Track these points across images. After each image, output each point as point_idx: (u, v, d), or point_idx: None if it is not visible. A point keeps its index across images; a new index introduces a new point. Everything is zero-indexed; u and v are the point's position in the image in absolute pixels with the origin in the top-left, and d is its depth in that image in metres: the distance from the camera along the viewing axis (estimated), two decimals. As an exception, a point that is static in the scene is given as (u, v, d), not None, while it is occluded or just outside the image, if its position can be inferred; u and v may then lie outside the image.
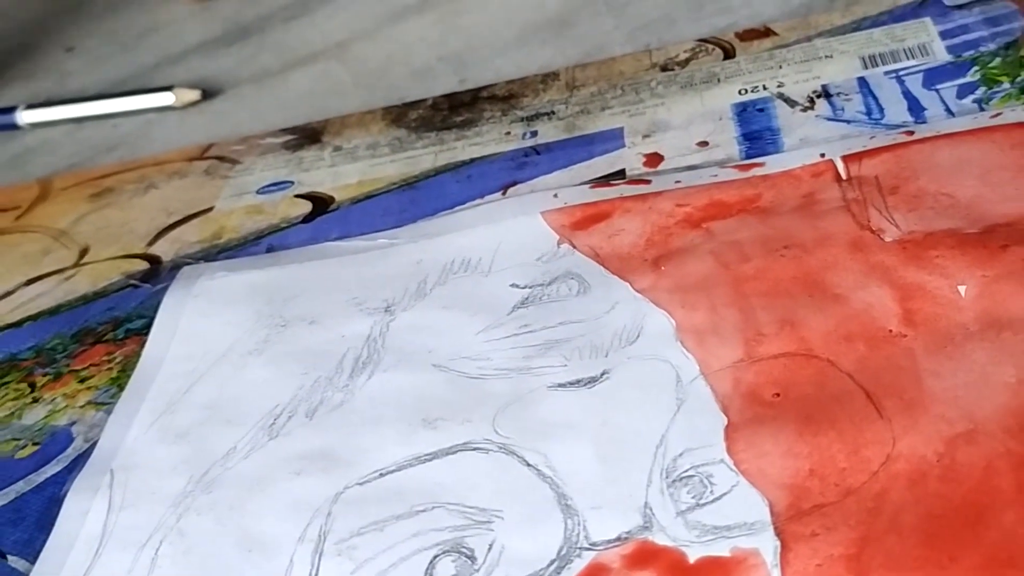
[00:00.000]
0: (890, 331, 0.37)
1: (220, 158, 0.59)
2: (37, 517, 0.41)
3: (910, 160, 0.43)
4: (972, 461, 0.32)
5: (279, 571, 0.36)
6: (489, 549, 0.35)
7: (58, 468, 0.43)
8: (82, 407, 0.46)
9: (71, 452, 0.44)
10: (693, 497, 0.34)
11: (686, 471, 0.35)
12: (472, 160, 0.52)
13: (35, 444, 0.44)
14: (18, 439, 0.45)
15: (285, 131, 0.59)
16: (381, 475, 0.38)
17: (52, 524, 0.40)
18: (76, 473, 0.42)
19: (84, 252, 0.55)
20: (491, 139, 0.53)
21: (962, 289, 0.37)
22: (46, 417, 0.46)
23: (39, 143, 0.66)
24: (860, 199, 0.42)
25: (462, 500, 0.36)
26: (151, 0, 0.78)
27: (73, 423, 0.45)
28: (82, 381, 0.47)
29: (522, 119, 0.54)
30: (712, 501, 0.34)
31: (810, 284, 0.39)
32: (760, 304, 0.39)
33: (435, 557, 0.35)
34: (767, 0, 0.56)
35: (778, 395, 0.36)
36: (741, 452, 0.35)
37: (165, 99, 0.64)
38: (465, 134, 0.54)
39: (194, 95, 0.64)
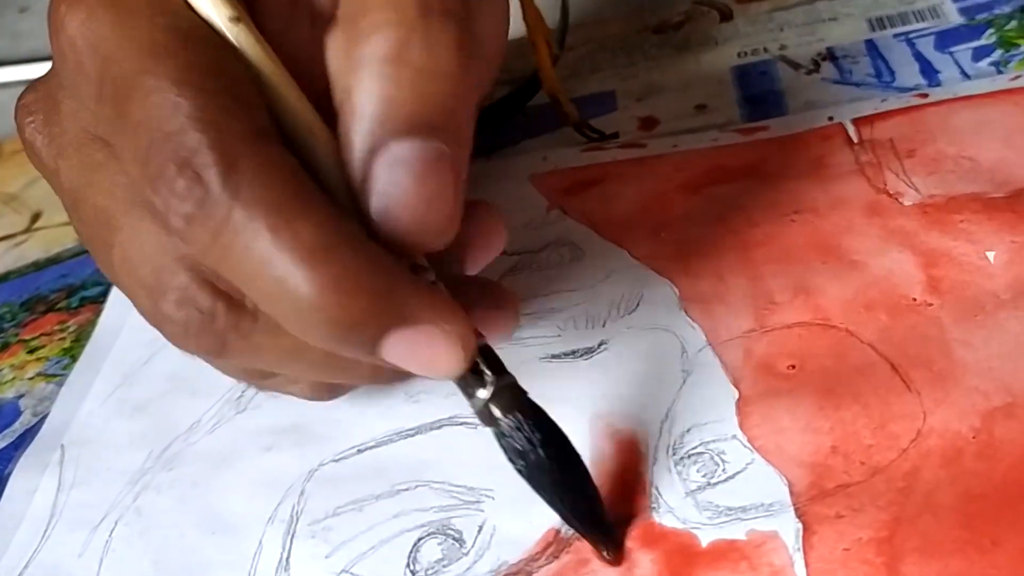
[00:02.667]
0: (914, 299, 0.34)
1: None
2: (-20, 496, 0.38)
3: (926, 123, 0.40)
4: (1012, 437, 0.29)
5: (246, 554, 0.33)
6: (479, 531, 0.32)
7: (3, 444, 0.40)
8: (31, 379, 0.42)
9: (18, 427, 0.41)
10: (703, 476, 0.31)
11: (695, 448, 0.32)
12: (455, 123, 0.49)
13: (-22, 418, 0.41)
14: (-40, 413, 0.42)
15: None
16: (359, 451, 0.35)
17: (-3, 504, 0.37)
18: (23, 449, 0.39)
19: (36, 217, 0.52)
20: (474, 102, 0.50)
21: (991, 255, 0.34)
22: (-9, 389, 0.42)
23: (-10, 105, 0.62)
24: (875, 162, 0.39)
25: (448, 478, 0.33)
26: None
27: (21, 396, 0.42)
28: (31, 352, 0.44)
29: (506, 82, 0.51)
30: (725, 480, 0.31)
31: (824, 250, 0.36)
32: (770, 271, 0.36)
33: (419, 540, 0.32)
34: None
35: (794, 367, 0.33)
36: (755, 427, 0.32)
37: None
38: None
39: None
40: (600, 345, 0.36)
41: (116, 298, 0.44)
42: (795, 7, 0.50)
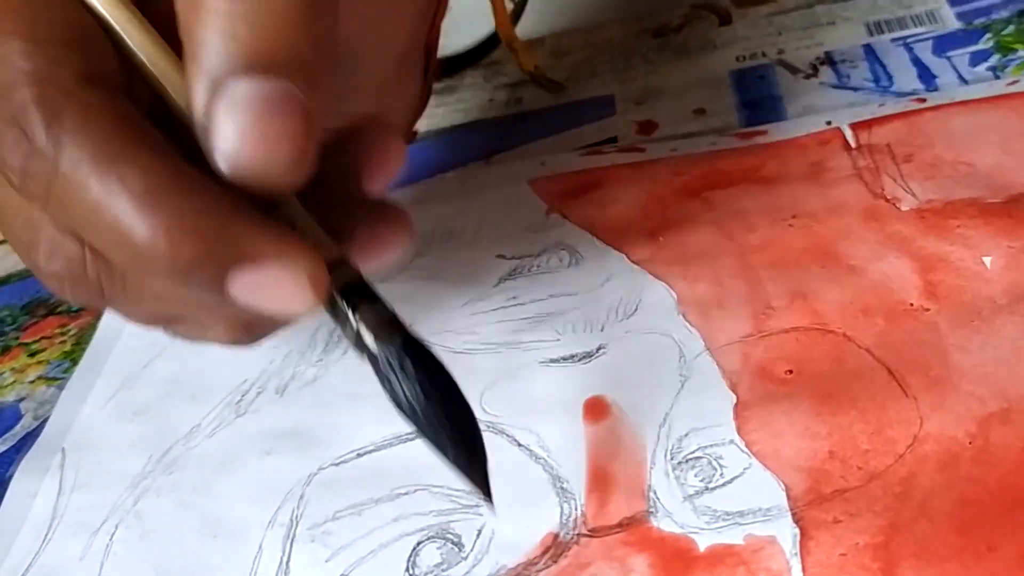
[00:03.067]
0: (911, 304, 0.34)
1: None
2: (-20, 500, 0.38)
3: (924, 128, 0.40)
4: (1008, 442, 0.30)
5: (246, 558, 0.33)
6: (478, 535, 0.32)
7: (4, 447, 0.40)
8: (32, 382, 0.42)
9: (19, 430, 0.41)
10: (701, 480, 0.31)
11: (693, 452, 0.32)
12: (454, 127, 0.49)
13: (-21, 421, 0.41)
14: (-39, 416, 0.42)
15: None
16: (358, 455, 0.35)
17: (-3, 507, 0.37)
18: (24, 453, 0.39)
19: (37, 220, 0.51)
20: (473, 106, 0.50)
21: (987, 260, 0.34)
22: (-8, 393, 0.42)
23: None
24: (872, 167, 0.39)
25: (447, 482, 0.33)
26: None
27: (22, 399, 0.42)
28: (32, 355, 0.44)
29: (505, 86, 0.51)
30: (722, 485, 0.31)
31: (822, 255, 0.37)
32: (768, 276, 0.36)
33: (418, 543, 0.32)
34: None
35: (791, 372, 0.33)
36: (753, 432, 0.32)
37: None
38: (446, 100, 0.51)
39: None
40: (599, 349, 0.36)
41: (116, 301, 0.44)
42: (794, 11, 0.50)
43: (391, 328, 0.28)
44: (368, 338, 0.28)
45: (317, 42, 0.27)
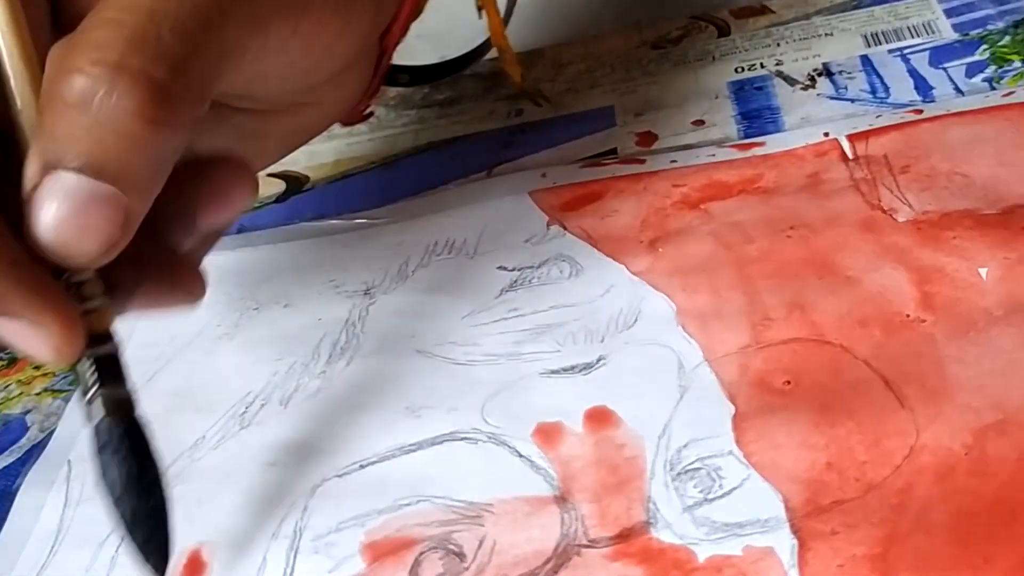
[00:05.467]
0: (907, 315, 0.34)
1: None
2: (-13, 512, 0.38)
3: (920, 139, 0.41)
4: (1003, 453, 0.30)
5: (250, 570, 0.33)
6: (479, 546, 0.32)
7: (10, 460, 0.40)
8: (38, 395, 0.43)
9: (25, 443, 0.41)
10: (700, 491, 0.32)
11: (692, 463, 0.32)
12: (455, 139, 0.49)
13: (-14, 434, 0.42)
14: (-33, 429, 0.42)
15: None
16: (361, 467, 0.36)
17: (3, 520, 0.38)
18: (30, 465, 0.40)
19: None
20: (474, 117, 0.50)
21: (983, 272, 0.35)
22: (-2, 405, 0.43)
23: None
24: (869, 178, 0.40)
25: (449, 493, 0.34)
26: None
27: (28, 411, 0.42)
28: (38, 367, 0.44)
29: (506, 97, 0.51)
30: (721, 496, 0.31)
31: (819, 266, 0.37)
32: (766, 287, 0.37)
33: (420, 554, 0.32)
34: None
35: (789, 383, 0.34)
36: (752, 443, 0.32)
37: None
38: (447, 112, 0.51)
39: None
40: (599, 360, 0.36)
41: (121, 314, 0.44)
42: (791, 22, 0.50)
43: (120, 411, 0.31)
44: (97, 413, 0.31)
45: (156, 166, 0.30)
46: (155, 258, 0.32)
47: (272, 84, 0.35)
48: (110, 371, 0.31)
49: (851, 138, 0.42)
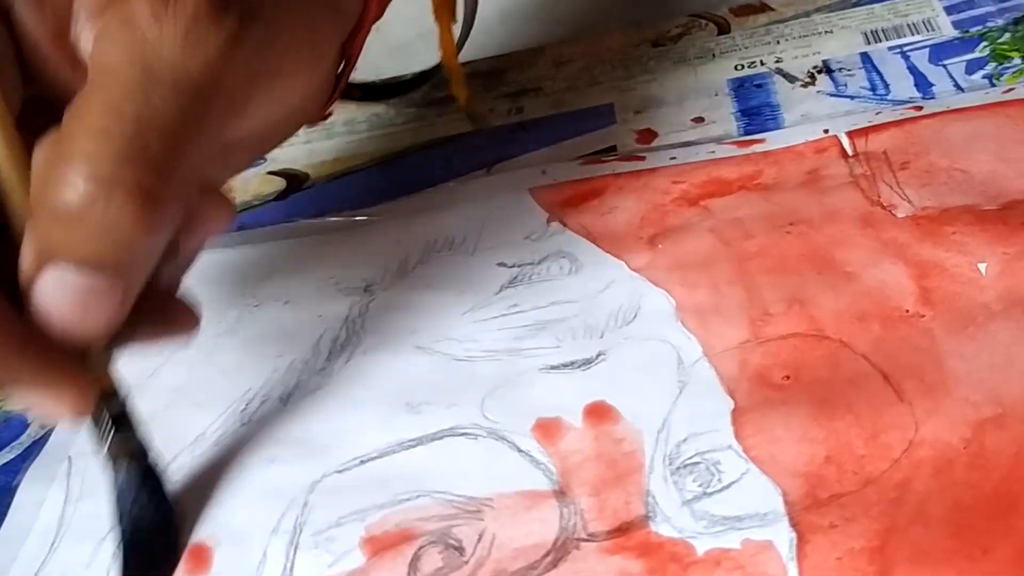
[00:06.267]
0: (906, 310, 0.34)
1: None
2: (-12, 508, 0.38)
3: (920, 135, 0.41)
4: (1001, 447, 0.30)
5: (251, 565, 0.34)
6: (479, 540, 0.32)
7: (11, 456, 0.41)
8: (38, 391, 0.43)
9: (25, 439, 0.41)
10: (700, 485, 0.32)
11: (691, 457, 0.32)
12: (455, 136, 0.50)
13: (-14, 431, 0.42)
14: (-32, 426, 0.42)
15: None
16: (361, 462, 0.36)
17: (4, 516, 0.38)
18: (30, 461, 0.40)
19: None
20: (474, 115, 0.50)
21: (982, 267, 0.35)
22: (-1, 402, 0.43)
23: None
24: (869, 174, 0.40)
25: (449, 488, 0.34)
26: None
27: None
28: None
29: (507, 95, 0.51)
30: (720, 490, 0.31)
31: (819, 261, 0.37)
32: (765, 282, 0.37)
33: (420, 548, 0.33)
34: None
35: (788, 377, 0.34)
36: (750, 438, 0.32)
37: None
38: (447, 110, 0.51)
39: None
40: (598, 356, 0.36)
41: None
42: (791, 20, 0.50)
43: (135, 458, 0.34)
44: (113, 461, 0.34)
45: (150, 254, 0.31)
46: (147, 300, 0.32)
47: (246, 130, 0.35)
48: (124, 421, 0.34)
49: (851, 135, 0.42)
